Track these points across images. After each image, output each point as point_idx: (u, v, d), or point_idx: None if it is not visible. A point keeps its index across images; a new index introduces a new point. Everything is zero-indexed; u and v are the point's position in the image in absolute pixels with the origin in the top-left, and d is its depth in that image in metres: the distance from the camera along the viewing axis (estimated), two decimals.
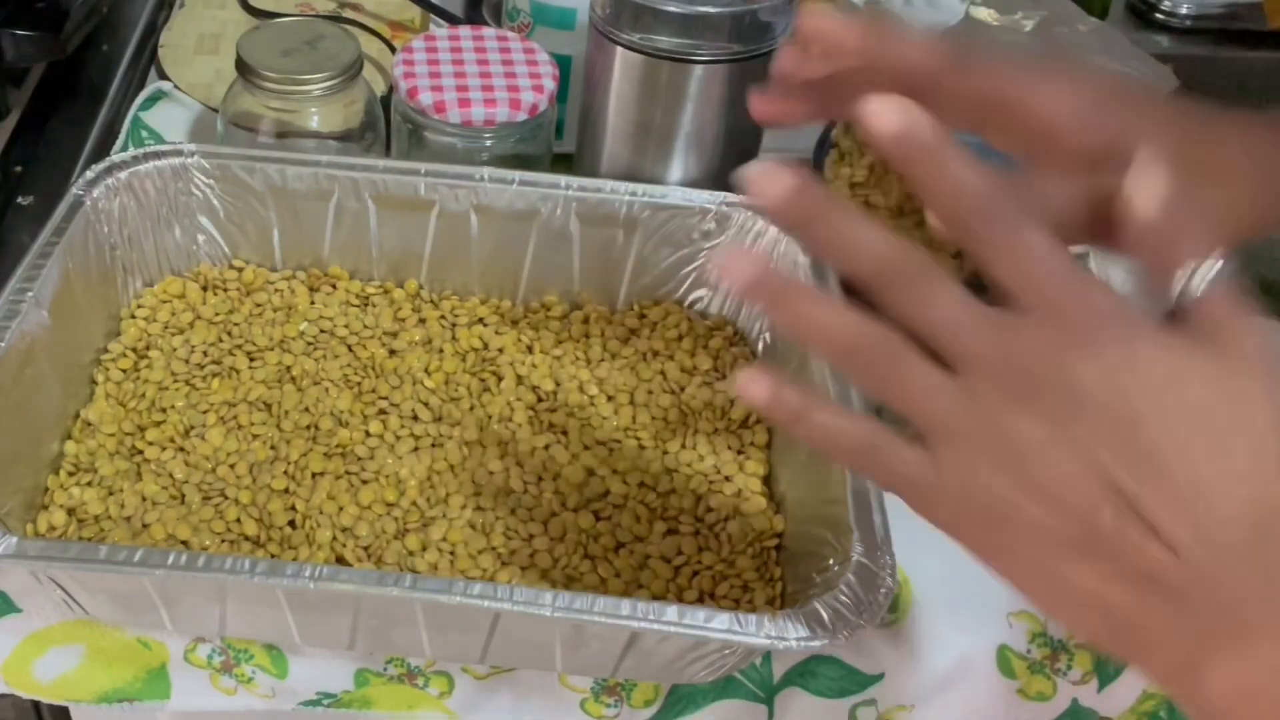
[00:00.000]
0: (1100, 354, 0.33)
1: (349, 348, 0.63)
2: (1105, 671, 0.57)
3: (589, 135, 0.70)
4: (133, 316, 0.63)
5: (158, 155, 0.63)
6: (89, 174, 0.61)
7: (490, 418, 0.60)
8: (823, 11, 0.47)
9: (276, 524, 0.55)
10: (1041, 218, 0.35)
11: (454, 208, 0.64)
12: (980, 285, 0.55)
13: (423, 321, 0.65)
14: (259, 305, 0.65)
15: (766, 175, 0.36)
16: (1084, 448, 0.33)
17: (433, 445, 0.59)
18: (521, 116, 0.66)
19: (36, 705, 0.65)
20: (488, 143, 0.67)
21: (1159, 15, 1.03)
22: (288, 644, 0.55)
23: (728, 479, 0.58)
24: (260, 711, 0.56)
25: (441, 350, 0.63)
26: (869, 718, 0.56)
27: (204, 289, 0.65)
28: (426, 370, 0.62)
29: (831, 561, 0.49)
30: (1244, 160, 0.48)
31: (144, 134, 0.78)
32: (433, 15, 0.85)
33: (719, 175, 0.68)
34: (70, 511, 0.55)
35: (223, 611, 0.51)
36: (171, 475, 0.57)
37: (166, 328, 0.63)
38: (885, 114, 0.35)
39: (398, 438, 0.59)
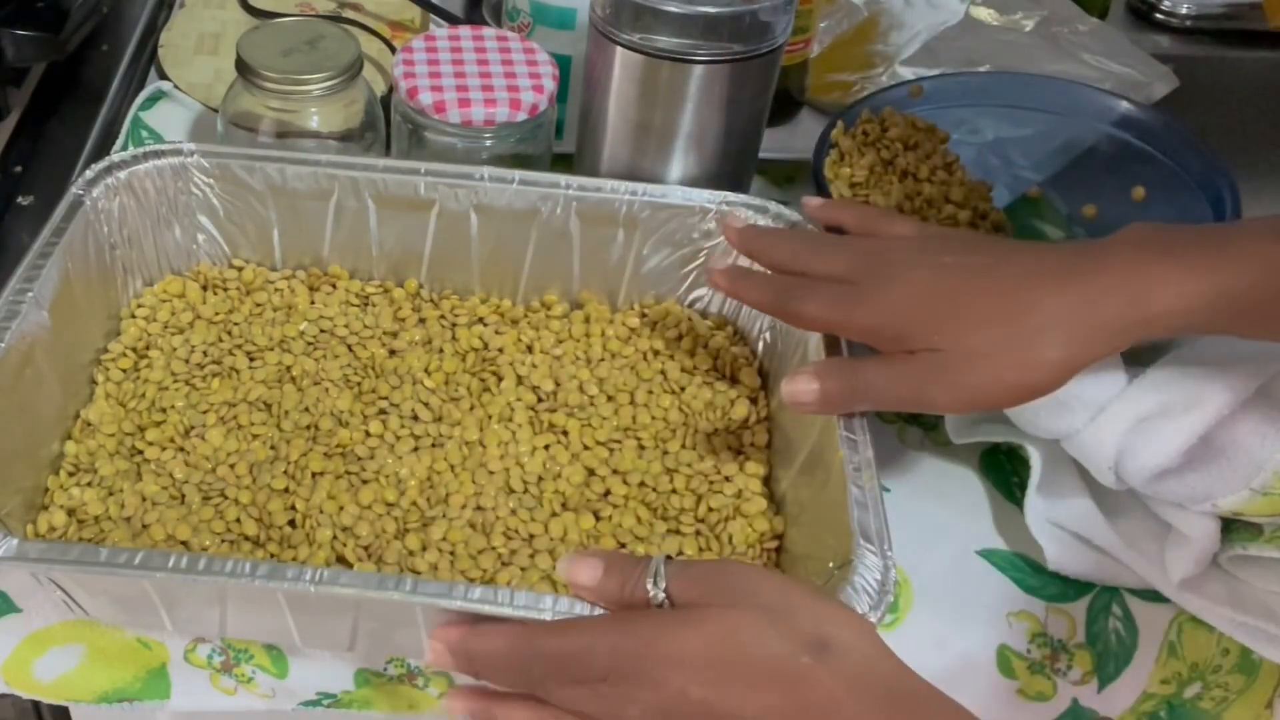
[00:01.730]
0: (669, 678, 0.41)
1: (349, 348, 0.63)
2: (1105, 671, 0.57)
3: (589, 135, 0.70)
4: (133, 316, 0.63)
5: (158, 155, 0.63)
6: (89, 174, 0.61)
7: (490, 418, 0.60)
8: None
9: (276, 524, 0.55)
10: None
11: (454, 207, 0.64)
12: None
13: (423, 321, 0.65)
14: (259, 305, 0.65)
15: None
16: None
17: (433, 445, 0.59)
18: (521, 116, 0.66)
19: (36, 705, 0.65)
20: (488, 143, 0.67)
21: (1159, 15, 1.03)
22: (288, 645, 0.55)
23: (728, 479, 0.58)
24: (260, 711, 0.56)
25: (441, 350, 0.63)
26: None
27: (204, 289, 0.65)
28: (426, 370, 0.62)
29: (831, 563, 0.49)
30: (1053, 327, 0.49)
31: (144, 134, 0.78)
32: (433, 15, 0.85)
33: (719, 175, 0.68)
34: (70, 512, 0.55)
35: (223, 613, 0.51)
36: (171, 475, 0.57)
37: (166, 327, 0.63)
38: None
39: (398, 438, 0.59)
